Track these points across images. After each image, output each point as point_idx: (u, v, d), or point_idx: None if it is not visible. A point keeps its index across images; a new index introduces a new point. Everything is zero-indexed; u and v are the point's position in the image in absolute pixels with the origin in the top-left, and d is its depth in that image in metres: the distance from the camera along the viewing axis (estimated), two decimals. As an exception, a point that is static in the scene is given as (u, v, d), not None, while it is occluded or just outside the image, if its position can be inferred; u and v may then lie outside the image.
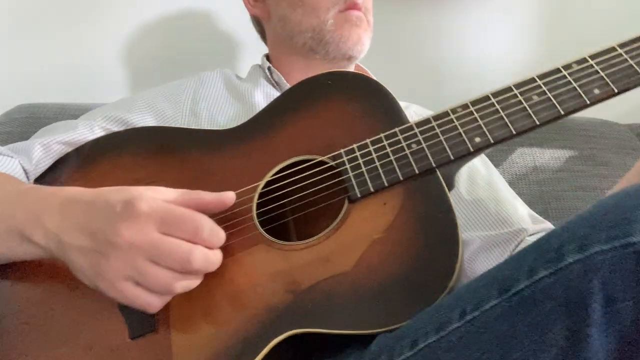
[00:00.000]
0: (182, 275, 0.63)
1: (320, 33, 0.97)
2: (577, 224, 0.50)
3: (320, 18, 0.96)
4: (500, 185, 1.00)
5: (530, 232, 0.90)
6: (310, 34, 0.98)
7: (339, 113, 0.79)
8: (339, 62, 1.01)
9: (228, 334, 0.65)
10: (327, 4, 0.96)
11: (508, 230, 0.90)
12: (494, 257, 0.89)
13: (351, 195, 0.71)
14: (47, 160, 0.84)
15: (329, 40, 0.97)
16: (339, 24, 0.96)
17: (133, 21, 1.36)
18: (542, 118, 0.68)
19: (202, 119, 0.93)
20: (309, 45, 0.99)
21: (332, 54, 0.98)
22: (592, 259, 0.47)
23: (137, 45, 1.38)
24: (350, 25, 0.97)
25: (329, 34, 0.97)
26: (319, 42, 0.98)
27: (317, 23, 0.97)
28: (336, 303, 0.64)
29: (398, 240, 0.66)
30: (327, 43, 0.97)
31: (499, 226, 0.91)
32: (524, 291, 0.50)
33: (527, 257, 0.52)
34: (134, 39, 1.37)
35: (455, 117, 0.72)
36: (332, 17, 0.96)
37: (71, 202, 0.68)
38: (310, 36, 0.98)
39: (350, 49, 0.97)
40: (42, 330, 0.70)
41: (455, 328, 0.52)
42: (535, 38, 1.46)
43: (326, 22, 0.96)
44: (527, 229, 0.90)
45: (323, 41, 0.97)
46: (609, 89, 0.67)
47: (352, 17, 0.97)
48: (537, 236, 0.90)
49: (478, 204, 0.94)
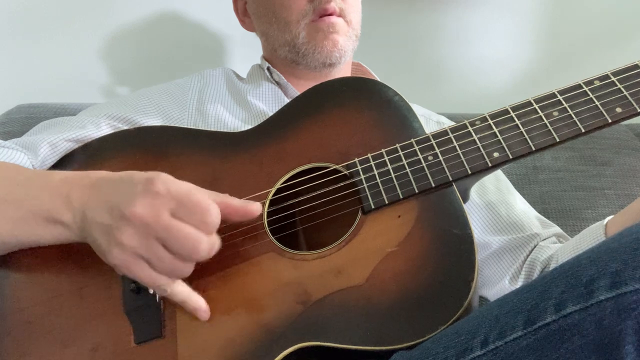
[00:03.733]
0: (184, 263, 0.63)
1: (295, 46, 0.97)
2: (606, 257, 0.50)
3: (292, 32, 0.96)
4: (509, 187, 1.00)
5: (544, 237, 0.90)
6: (287, 47, 0.98)
7: (353, 121, 0.77)
8: (321, 70, 1.00)
9: (236, 344, 0.64)
10: (297, 16, 0.95)
11: (521, 235, 0.90)
12: (506, 263, 0.89)
13: (365, 207, 0.70)
14: (53, 158, 0.83)
15: (305, 52, 0.97)
16: (311, 35, 0.95)
17: (133, 21, 1.35)
18: (563, 135, 0.67)
19: (209, 118, 0.92)
20: (290, 57, 0.99)
21: (312, 64, 0.98)
22: (626, 298, 0.47)
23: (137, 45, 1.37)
24: (323, 34, 0.95)
25: (303, 46, 0.96)
26: (297, 54, 0.98)
27: (291, 37, 0.97)
28: (348, 317, 0.63)
29: (413, 255, 0.65)
30: (304, 55, 0.97)
31: (512, 231, 0.91)
32: (551, 325, 0.49)
33: (554, 289, 0.51)
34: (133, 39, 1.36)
35: (473, 130, 0.71)
36: (304, 29, 0.95)
37: (100, 181, 0.68)
38: (288, 49, 0.98)
39: (328, 57, 0.96)
40: (46, 330, 0.69)
41: (477, 356, 0.52)
42: (535, 38, 1.46)
43: (298, 35, 0.96)
44: (540, 234, 0.90)
45: (300, 53, 0.97)
46: (631, 108, 0.66)
47: (323, 26, 0.95)
48: (549, 241, 0.90)
49: (489, 208, 0.94)
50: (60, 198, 0.68)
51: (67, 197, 0.68)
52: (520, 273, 0.87)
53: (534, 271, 0.87)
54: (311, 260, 0.68)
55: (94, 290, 0.70)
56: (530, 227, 0.91)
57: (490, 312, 0.55)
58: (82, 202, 0.67)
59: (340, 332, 0.62)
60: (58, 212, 0.68)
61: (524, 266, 0.87)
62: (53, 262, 0.72)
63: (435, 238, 0.66)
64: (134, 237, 0.62)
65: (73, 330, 0.68)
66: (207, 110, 0.93)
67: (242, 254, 0.70)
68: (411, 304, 0.62)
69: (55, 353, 0.67)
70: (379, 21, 1.00)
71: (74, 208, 0.67)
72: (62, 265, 0.72)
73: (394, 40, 1.39)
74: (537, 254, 0.88)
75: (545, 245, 0.88)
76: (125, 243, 0.62)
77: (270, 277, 0.68)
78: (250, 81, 1.03)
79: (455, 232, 0.66)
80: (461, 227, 0.66)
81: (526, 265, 0.87)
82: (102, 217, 0.64)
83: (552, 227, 0.94)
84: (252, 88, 1.00)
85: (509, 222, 0.92)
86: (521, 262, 0.88)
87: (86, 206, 0.66)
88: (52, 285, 0.72)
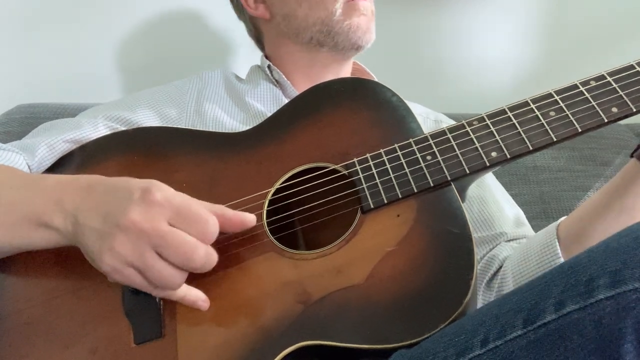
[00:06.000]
0: (181, 272, 0.63)
1: (329, 25, 0.96)
2: (606, 256, 0.50)
3: (329, 9, 0.96)
4: (489, 182, 1.00)
5: (510, 237, 0.91)
6: (318, 27, 0.97)
7: (351, 121, 0.78)
8: (347, 53, 1.00)
9: (236, 344, 0.64)
10: None
11: (487, 234, 0.91)
12: None
13: (364, 206, 0.70)
14: (50, 159, 0.83)
15: (338, 31, 0.96)
16: (348, 14, 0.96)
17: (132, 21, 1.35)
18: (560, 135, 0.67)
19: (207, 119, 0.92)
20: (316, 38, 0.98)
21: (342, 44, 0.98)
22: (626, 297, 0.47)
23: (136, 45, 1.37)
24: (359, 14, 0.96)
25: (338, 24, 0.96)
26: (327, 34, 0.97)
27: (326, 15, 0.96)
28: (348, 316, 0.63)
29: (412, 254, 0.66)
30: (336, 34, 0.97)
31: (479, 229, 0.92)
32: (551, 324, 0.49)
33: (553, 288, 0.51)
34: (133, 39, 1.36)
35: (471, 130, 0.71)
36: (340, 7, 0.96)
37: (93, 185, 0.68)
38: (318, 29, 0.97)
39: (360, 38, 0.97)
40: (45, 331, 0.69)
41: (476, 355, 0.52)
42: (535, 38, 1.46)
43: (334, 12, 0.95)
44: (507, 233, 0.90)
45: (332, 33, 0.97)
46: (627, 108, 0.66)
47: (360, 6, 0.97)
48: (517, 242, 0.91)
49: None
50: (52, 202, 0.67)
51: (58, 200, 0.67)
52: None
53: (491, 268, 0.87)
54: (311, 260, 0.68)
55: (93, 291, 0.70)
56: (501, 226, 0.91)
57: (490, 311, 0.55)
58: (74, 205, 0.66)
59: (341, 331, 0.62)
60: (49, 216, 0.67)
61: (481, 262, 0.88)
62: (52, 263, 0.72)
63: (434, 237, 0.66)
64: (127, 245, 0.61)
65: (72, 331, 0.68)
66: (205, 111, 0.93)
67: (242, 254, 0.70)
68: (410, 303, 0.62)
69: (55, 354, 0.67)
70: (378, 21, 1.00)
71: (66, 212, 0.66)
72: (61, 266, 0.72)
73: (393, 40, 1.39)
74: (497, 251, 0.89)
75: (508, 245, 0.89)
76: (117, 250, 0.61)
77: (270, 277, 0.68)
78: (248, 82, 1.04)
79: (454, 231, 0.66)
80: (460, 226, 0.66)
81: (483, 262, 0.88)
82: (95, 222, 0.64)
83: (523, 227, 0.94)
84: (250, 89, 1.00)
85: (480, 219, 0.92)
86: (479, 258, 0.89)
87: (78, 210, 0.65)
88: (51, 286, 0.72)
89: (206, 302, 0.67)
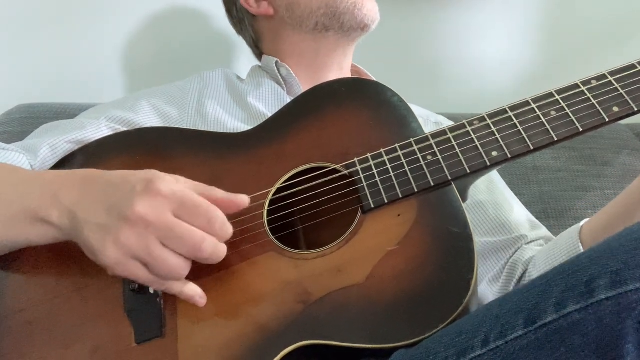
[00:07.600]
0: (186, 261, 0.63)
1: (334, 5, 0.96)
2: (607, 257, 0.50)
3: None
4: (501, 187, 1.00)
5: (529, 240, 0.90)
6: (323, 10, 0.97)
7: (352, 121, 0.78)
8: (352, 34, 1.00)
9: (236, 343, 0.64)
10: None
11: (507, 238, 0.90)
12: (491, 264, 0.90)
13: (364, 206, 0.70)
14: (53, 160, 0.83)
15: (343, 10, 0.96)
16: None
17: (132, 21, 1.35)
18: (561, 134, 0.67)
19: (208, 119, 0.92)
20: (321, 23, 0.98)
21: (348, 24, 0.98)
22: (627, 297, 0.47)
23: (136, 45, 1.36)
24: None
25: (342, 3, 0.96)
26: (333, 16, 0.97)
27: None
28: (349, 315, 0.63)
29: (412, 254, 0.66)
30: (341, 14, 0.97)
31: (498, 232, 0.92)
32: (551, 324, 0.49)
33: (554, 288, 0.51)
34: (133, 39, 1.36)
35: (471, 130, 0.71)
36: None
37: (91, 179, 0.67)
38: (323, 12, 0.97)
39: (366, 17, 0.97)
40: (46, 330, 0.69)
41: (477, 356, 0.52)
42: (535, 38, 1.46)
43: None
44: (526, 236, 0.90)
45: (337, 13, 0.97)
46: (628, 107, 0.66)
47: None
48: (536, 244, 0.90)
49: (478, 208, 0.94)
50: (48, 197, 0.67)
51: (55, 195, 0.67)
52: (502, 274, 0.88)
53: (516, 272, 0.87)
54: (311, 259, 0.68)
55: (94, 290, 0.70)
56: (518, 229, 0.91)
57: (491, 311, 0.55)
58: (71, 201, 0.66)
59: (341, 331, 0.62)
60: (45, 211, 0.66)
61: (506, 267, 0.88)
62: (53, 262, 0.72)
63: (434, 237, 0.66)
64: (132, 237, 0.61)
65: (73, 330, 0.68)
66: (207, 111, 0.93)
67: (242, 253, 0.70)
68: (411, 303, 0.62)
69: (56, 353, 0.67)
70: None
71: (62, 206, 0.66)
72: (62, 265, 0.72)
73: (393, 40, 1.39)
74: (519, 255, 0.88)
75: (529, 247, 0.89)
76: (122, 242, 0.61)
77: (271, 277, 0.68)
78: (250, 82, 1.04)
79: (454, 230, 0.66)
80: (460, 225, 0.66)
81: (508, 267, 0.88)
82: (97, 216, 0.63)
83: (541, 229, 0.94)
84: (252, 89, 1.00)
85: (497, 223, 0.92)
86: (503, 263, 0.88)
87: (77, 206, 0.65)
88: (53, 285, 0.72)
89: (203, 299, 0.66)
